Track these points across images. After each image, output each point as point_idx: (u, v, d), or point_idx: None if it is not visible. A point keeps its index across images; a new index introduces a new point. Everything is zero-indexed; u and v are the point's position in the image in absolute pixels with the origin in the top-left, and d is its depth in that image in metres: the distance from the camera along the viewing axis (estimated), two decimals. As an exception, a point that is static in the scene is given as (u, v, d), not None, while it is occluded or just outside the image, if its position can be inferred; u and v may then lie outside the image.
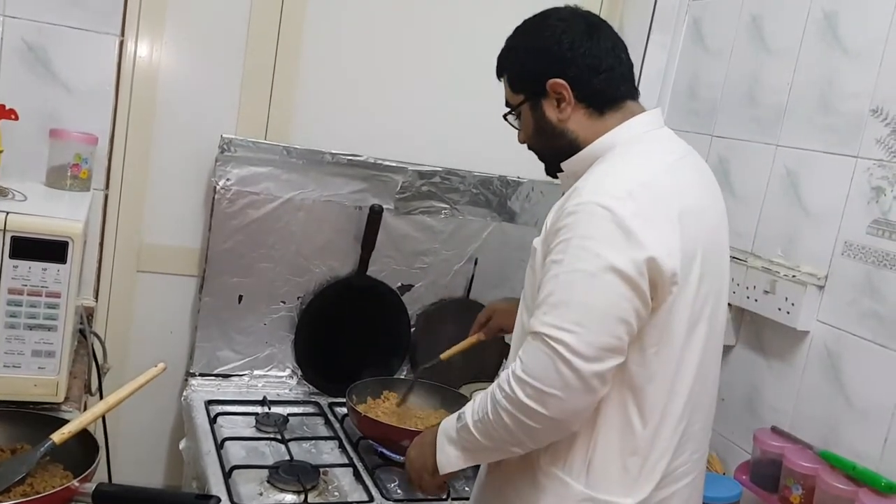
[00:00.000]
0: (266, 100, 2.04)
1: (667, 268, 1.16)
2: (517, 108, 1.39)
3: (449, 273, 2.24)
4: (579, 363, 1.12)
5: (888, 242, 1.55)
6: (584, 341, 1.13)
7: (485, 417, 1.23)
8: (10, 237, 1.45)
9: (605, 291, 1.14)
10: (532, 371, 1.15)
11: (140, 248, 2.01)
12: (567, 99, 1.31)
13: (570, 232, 1.17)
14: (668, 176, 1.25)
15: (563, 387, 1.13)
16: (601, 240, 1.15)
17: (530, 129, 1.38)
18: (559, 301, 1.16)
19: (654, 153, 1.30)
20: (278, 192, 1.99)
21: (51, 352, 1.51)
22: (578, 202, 1.19)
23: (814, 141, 1.74)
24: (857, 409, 1.58)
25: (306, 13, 2.04)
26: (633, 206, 1.16)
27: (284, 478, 1.64)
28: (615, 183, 1.20)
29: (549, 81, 1.31)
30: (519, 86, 1.38)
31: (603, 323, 1.14)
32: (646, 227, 1.16)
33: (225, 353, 2.06)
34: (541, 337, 1.15)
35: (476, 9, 2.18)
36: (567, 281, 1.16)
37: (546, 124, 1.35)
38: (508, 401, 1.18)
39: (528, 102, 1.36)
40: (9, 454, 1.37)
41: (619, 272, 1.14)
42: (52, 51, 1.82)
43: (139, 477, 2.08)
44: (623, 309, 1.15)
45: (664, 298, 1.19)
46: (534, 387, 1.14)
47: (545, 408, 1.14)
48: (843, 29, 1.71)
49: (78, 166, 1.79)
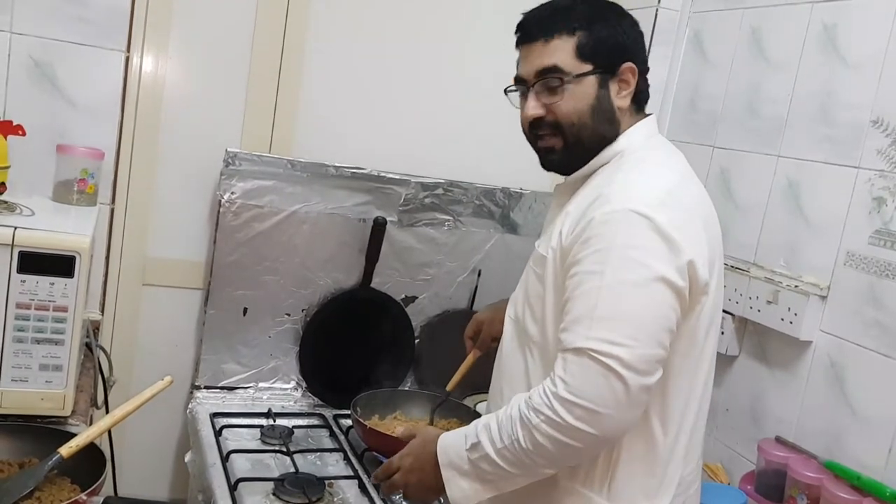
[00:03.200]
0: (270, 114, 2.06)
1: (702, 274, 1.15)
2: (576, 78, 1.24)
3: (453, 285, 2.25)
4: (633, 378, 1.08)
5: (890, 252, 1.55)
6: (638, 355, 1.08)
7: (514, 445, 1.14)
8: (18, 252, 1.46)
9: (656, 302, 1.11)
10: (581, 391, 1.08)
11: (145, 261, 2.02)
12: (630, 89, 1.27)
13: (605, 241, 1.12)
14: (688, 184, 1.25)
15: (615, 404, 1.08)
16: (645, 249, 1.11)
17: (585, 103, 1.25)
18: (606, 315, 1.10)
19: (668, 162, 1.28)
20: (283, 205, 2.00)
21: (58, 366, 1.51)
22: (609, 210, 1.14)
23: (815, 152, 1.75)
24: (861, 418, 1.58)
25: (310, 27, 2.05)
26: (668, 214, 1.13)
27: (290, 490, 1.64)
28: (645, 191, 1.17)
29: (627, 64, 1.26)
30: (592, 54, 1.24)
31: (654, 335, 1.10)
32: (682, 234, 1.13)
33: (230, 366, 2.06)
34: (587, 353, 1.09)
35: (479, 23, 2.19)
36: (613, 293, 1.10)
37: (606, 105, 1.26)
38: (551, 424, 1.10)
39: (596, 75, 1.25)
40: (17, 468, 1.38)
41: (667, 281, 1.11)
42: (58, 67, 1.84)
43: (145, 490, 2.08)
44: (671, 319, 1.12)
45: (693, 307, 1.17)
46: (585, 407, 1.08)
47: (595, 427, 1.08)
48: (842, 40, 1.72)
49: (84, 181, 1.80)
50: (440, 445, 1.26)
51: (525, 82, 1.28)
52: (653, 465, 1.22)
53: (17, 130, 1.70)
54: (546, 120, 1.27)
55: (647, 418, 1.20)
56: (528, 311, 1.30)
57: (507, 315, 1.38)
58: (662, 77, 2.20)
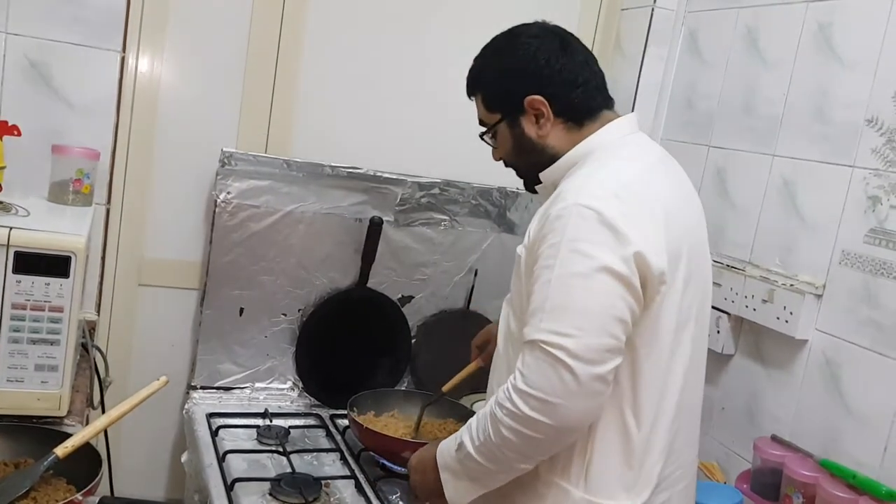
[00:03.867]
0: (266, 113, 2.05)
1: (654, 265, 1.16)
2: (494, 127, 1.38)
3: (449, 284, 2.25)
4: (581, 367, 1.11)
5: (885, 251, 1.56)
6: (584, 344, 1.11)
7: (487, 440, 1.19)
8: (14, 252, 1.46)
9: (601, 292, 1.13)
10: (534, 382, 1.12)
11: (141, 261, 2.02)
12: (546, 115, 1.31)
13: (557, 236, 1.16)
14: (649, 177, 1.26)
15: (566, 394, 1.11)
16: (591, 241, 1.14)
17: (508, 146, 1.38)
18: (554, 306, 1.14)
19: (634, 155, 1.31)
20: (279, 205, 2.00)
21: (54, 366, 1.51)
22: (563, 206, 1.18)
23: (810, 151, 1.75)
24: (856, 417, 1.58)
25: (306, 27, 2.05)
26: (618, 206, 1.16)
27: (286, 490, 1.64)
28: (599, 184, 1.20)
29: (528, 99, 1.31)
30: (495, 105, 1.37)
31: (601, 324, 1.13)
32: (632, 225, 1.16)
33: (226, 366, 2.06)
34: (538, 345, 1.13)
35: (474, 21, 2.19)
36: (561, 285, 1.14)
37: (526, 141, 1.34)
38: (512, 417, 1.15)
39: (505, 121, 1.36)
40: (12, 468, 1.38)
41: (612, 271, 1.13)
42: (54, 67, 1.84)
43: (141, 490, 2.08)
44: (619, 308, 1.14)
45: (653, 298, 1.19)
46: (538, 398, 1.12)
47: (550, 418, 1.12)
48: (837, 39, 1.72)
49: (80, 181, 1.80)
50: (439, 449, 1.33)
51: None
52: (629, 457, 1.24)
53: (12, 131, 1.70)
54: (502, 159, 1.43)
55: (619, 410, 1.22)
56: (511, 311, 1.33)
57: (501, 315, 1.40)
58: (658, 76, 2.21)
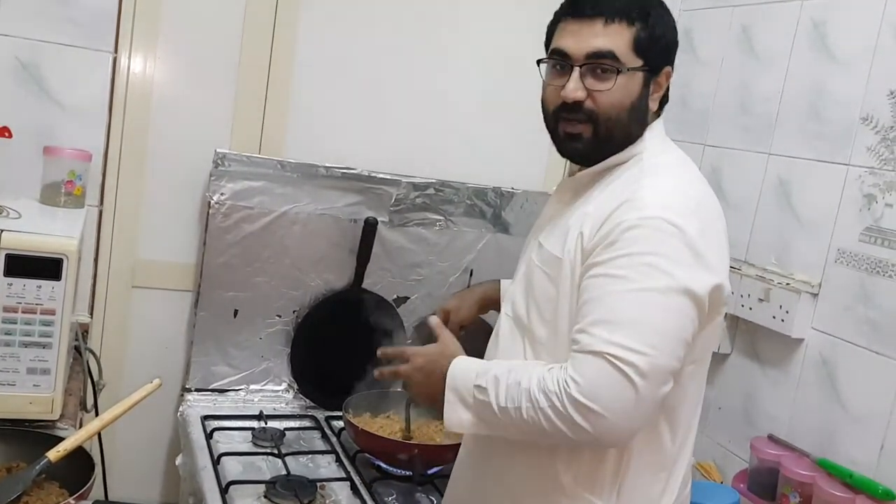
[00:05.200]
0: (259, 114, 2.04)
1: (726, 291, 1.15)
2: (630, 70, 1.20)
3: (444, 285, 2.24)
4: (645, 387, 1.06)
5: (880, 249, 1.56)
6: (654, 365, 1.06)
7: (516, 412, 1.13)
8: (5, 255, 1.44)
9: (677, 312, 1.09)
10: (593, 393, 1.07)
11: (135, 263, 2.01)
12: (662, 90, 1.26)
13: (633, 247, 1.10)
14: (711, 195, 1.23)
15: (622, 410, 1.07)
16: (671, 258, 1.09)
17: (627, 98, 1.21)
18: (628, 320, 1.08)
19: (691, 168, 1.26)
20: (273, 206, 1.99)
21: (46, 369, 1.50)
22: (642, 216, 1.11)
23: (805, 149, 1.75)
24: (852, 416, 1.58)
25: (299, 27, 2.04)
26: (698, 225, 1.12)
27: (282, 492, 1.63)
28: (676, 199, 1.15)
29: (667, 68, 1.25)
30: (647, 50, 1.21)
31: (673, 346, 1.09)
32: (710, 248, 1.13)
33: (221, 368, 2.05)
34: (604, 357, 1.07)
35: (469, 23, 2.19)
36: (636, 300, 1.09)
37: (644, 104, 1.23)
38: (556, 413, 1.09)
39: (644, 72, 1.21)
40: (4, 472, 1.37)
41: (691, 294, 1.09)
42: (45, 68, 1.82)
43: (135, 494, 2.07)
44: (688, 331, 1.11)
45: (713, 319, 1.17)
46: (593, 410, 1.06)
47: (595, 429, 1.07)
48: (832, 38, 1.72)
49: (72, 183, 1.79)
50: (452, 367, 1.23)
51: (569, 58, 1.20)
52: (660, 470, 1.22)
53: (3, 132, 1.70)
54: (584, 106, 1.20)
55: (657, 426, 1.19)
56: (534, 312, 1.26)
57: (503, 312, 1.37)
58: (653, 75, 2.20)
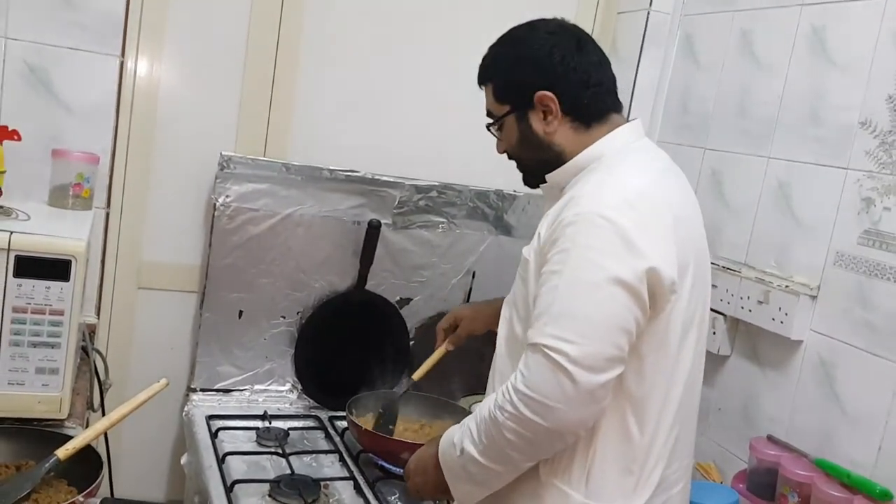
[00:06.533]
0: (264, 117, 2.06)
1: (666, 277, 1.17)
2: (501, 119, 1.38)
3: (447, 287, 2.26)
4: (580, 374, 1.11)
5: (879, 252, 1.57)
6: (586, 352, 1.12)
7: (491, 443, 1.21)
8: (15, 256, 1.47)
9: (608, 302, 1.14)
10: (533, 383, 1.13)
11: (141, 265, 2.03)
12: (554, 112, 1.31)
13: (569, 242, 1.17)
14: (661, 185, 1.27)
15: (564, 399, 1.12)
16: (603, 250, 1.15)
17: (514, 139, 1.37)
18: (560, 312, 1.14)
19: (644, 163, 1.31)
20: (277, 208, 2.01)
21: (54, 369, 1.52)
22: (577, 212, 1.18)
23: (804, 153, 1.77)
24: (851, 417, 1.60)
25: (304, 30, 2.06)
26: (632, 216, 1.16)
27: (286, 492, 1.64)
28: (613, 193, 1.20)
29: (538, 94, 1.31)
30: (505, 96, 1.37)
31: (605, 334, 1.14)
32: (646, 236, 1.16)
33: (225, 369, 2.07)
34: (541, 349, 1.14)
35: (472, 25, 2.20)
36: (568, 292, 1.15)
37: (532, 136, 1.34)
38: (512, 419, 1.16)
39: (514, 113, 1.35)
40: (14, 470, 1.39)
41: (622, 283, 1.13)
42: (53, 72, 1.84)
43: (141, 492, 2.09)
44: (625, 319, 1.15)
45: (662, 307, 1.20)
46: (536, 400, 1.13)
47: (546, 420, 1.13)
48: (831, 43, 1.73)
49: (80, 185, 1.81)
50: (440, 449, 1.34)
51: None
52: (630, 463, 1.24)
53: (12, 136, 1.71)
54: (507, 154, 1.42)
55: (622, 416, 1.23)
56: (514, 313, 1.33)
57: (501, 316, 1.40)
58: (654, 79, 2.22)
